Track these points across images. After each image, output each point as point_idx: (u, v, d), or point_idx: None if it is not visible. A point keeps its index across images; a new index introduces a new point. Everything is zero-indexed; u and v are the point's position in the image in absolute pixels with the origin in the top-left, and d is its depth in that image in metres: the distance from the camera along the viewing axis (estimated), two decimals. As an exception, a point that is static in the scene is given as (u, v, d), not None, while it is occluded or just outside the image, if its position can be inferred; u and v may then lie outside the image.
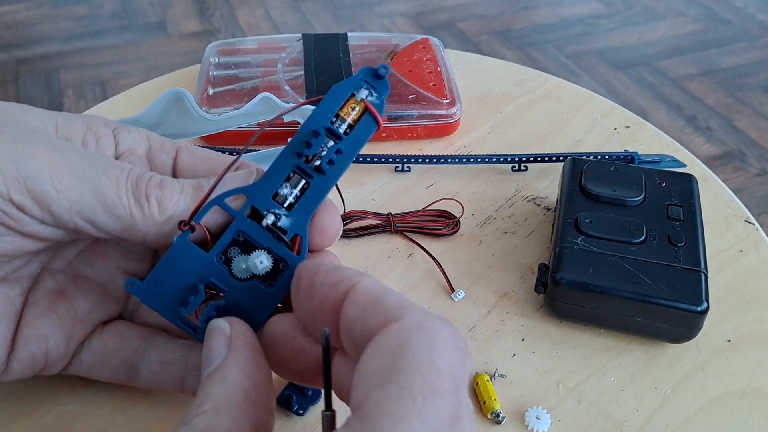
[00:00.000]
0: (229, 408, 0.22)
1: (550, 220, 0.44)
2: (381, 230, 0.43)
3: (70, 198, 0.25)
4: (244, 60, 0.56)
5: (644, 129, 0.52)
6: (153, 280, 0.27)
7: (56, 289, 0.30)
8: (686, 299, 0.34)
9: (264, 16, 1.95)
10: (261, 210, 0.27)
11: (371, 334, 0.21)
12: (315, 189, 0.27)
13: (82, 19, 1.91)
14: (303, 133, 0.27)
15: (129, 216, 0.26)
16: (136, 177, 0.27)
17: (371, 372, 0.19)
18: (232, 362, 0.24)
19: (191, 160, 0.31)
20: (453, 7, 2.00)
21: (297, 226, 0.27)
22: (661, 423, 0.33)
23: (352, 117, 0.28)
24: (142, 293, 0.27)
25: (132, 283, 0.27)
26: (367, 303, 0.22)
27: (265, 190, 0.27)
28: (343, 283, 0.23)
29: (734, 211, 0.45)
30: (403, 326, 0.20)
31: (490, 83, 0.58)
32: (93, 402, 0.33)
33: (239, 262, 0.27)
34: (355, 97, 0.28)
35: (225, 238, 0.27)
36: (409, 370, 0.19)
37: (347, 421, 0.19)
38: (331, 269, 0.24)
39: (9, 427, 0.32)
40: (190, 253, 0.27)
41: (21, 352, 0.28)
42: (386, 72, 0.28)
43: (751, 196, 1.35)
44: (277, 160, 0.27)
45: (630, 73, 1.71)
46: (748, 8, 2.01)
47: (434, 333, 0.20)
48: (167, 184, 0.27)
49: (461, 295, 0.39)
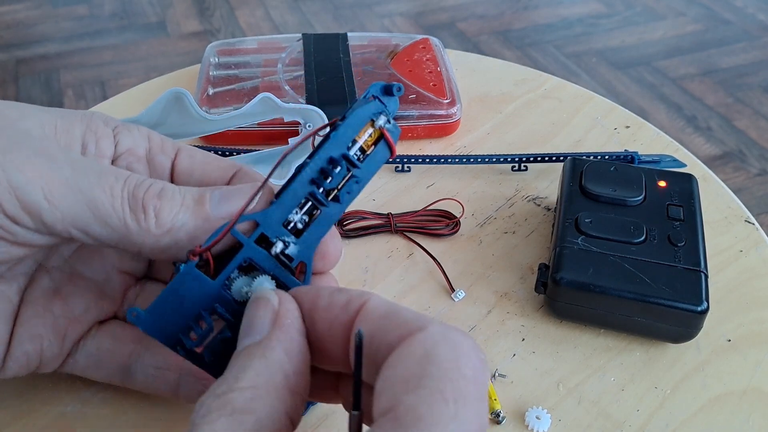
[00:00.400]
0: (268, 391, 0.21)
1: (550, 220, 0.44)
2: (381, 230, 0.43)
3: (62, 209, 0.25)
4: (244, 60, 0.56)
5: (644, 129, 0.52)
6: (156, 310, 0.26)
7: (52, 288, 0.30)
8: (686, 299, 0.34)
9: (264, 16, 1.95)
10: (270, 238, 0.26)
11: (391, 346, 0.21)
12: (326, 216, 0.27)
13: (82, 19, 1.91)
14: (320, 160, 0.26)
15: (124, 227, 0.25)
16: (133, 186, 0.26)
17: (398, 378, 0.19)
18: (276, 340, 0.23)
19: (189, 164, 0.31)
20: (453, 7, 2.00)
21: (303, 254, 0.27)
22: (661, 423, 0.33)
23: (366, 141, 0.27)
24: (144, 324, 0.26)
25: (134, 313, 0.26)
26: (383, 318, 0.22)
27: (276, 217, 0.26)
28: (353, 303, 0.23)
29: (734, 211, 0.45)
30: (429, 335, 0.20)
31: (490, 83, 0.58)
32: (93, 402, 0.33)
33: (240, 285, 0.26)
34: (372, 123, 0.27)
35: (232, 265, 0.26)
36: (439, 376, 0.19)
37: (379, 424, 0.19)
38: (335, 292, 0.24)
39: (9, 427, 0.32)
40: (195, 282, 0.26)
41: (16, 351, 0.28)
42: (400, 92, 0.27)
43: (751, 196, 1.35)
44: (292, 187, 0.26)
45: (630, 73, 1.71)
46: (748, 8, 2.01)
47: (459, 343, 0.20)
48: (167, 194, 0.26)
49: (461, 295, 0.39)
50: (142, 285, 0.32)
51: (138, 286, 0.32)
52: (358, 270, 0.41)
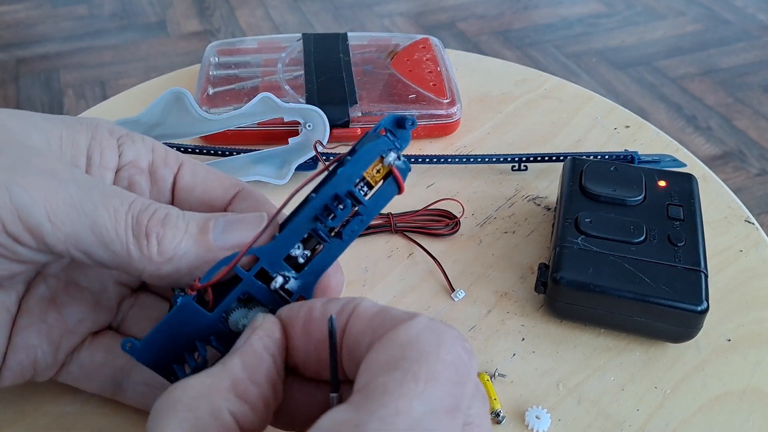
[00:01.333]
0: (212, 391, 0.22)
1: (550, 220, 0.44)
2: (381, 230, 0.43)
3: (65, 230, 0.24)
4: (244, 60, 0.56)
5: (644, 129, 0.52)
6: (151, 341, 0.26)
7: (48, 297, 0.30)
8: (686, 299, 0.34)
9: (264, 16, 1.95)
10: (270, 273, 0.26)
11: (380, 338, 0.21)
12: (328, 252, 0.26)
13: (82, 19, 1.91)
14: (326, 197, 0.26)
15: (126, 253, 0.25)
16: (138, 211, 0.26)
17: (380, 361, 0.20)
18: (237, 352, 0.24)
19: (191, 179, 0.30)
20: (453, 7, 2.00)
21: (304, 289, 0.26)
22: (661, 423, 0.33)
23: (374, 177, 0.26)
24: (139, 355, 0.26)
25: (129, 344, 0.26)
26: (374, 316, 0.23)
27: (277, 252, 0.26)
28: (346, 308, 0.23)
29: (734, 211, 0.45)
30: (413, 324, 0.21)
31: (490, 83, 0.58)
32: (93, 402, 0.33)
33: (237, 317, 0.26)
34: (382, 159, 0.26)
35: (230, 298, 0.26)
36: (416, 359, 0.20)
37: (350, 399, 0.19)
38: (327, 302, 0.24)
39: (9, 427, 0.32)
40: (192, 314, 0.26)
41: (10, 361, 0.28)
42: (413, 126, 0.26)
43: (751, 196, 1.35)
44: (296, 222, 0.26)
45: (630, 73, 1.71)
46: (748, 8, 2.01)
47: (442, 332, 0.21)
48: (170, 221, 0.26)
49: (461, 295, 0.39)
50: (136, 296, 0.32)
51: (133, 297, 0.32)
52: (358, 270, 0.41)
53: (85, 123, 0.29)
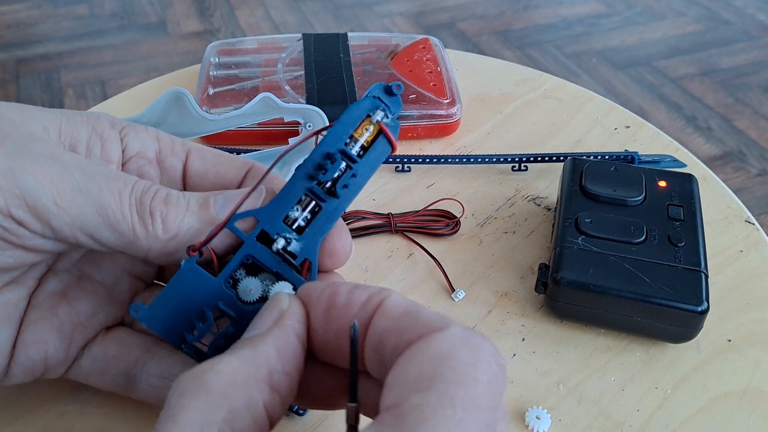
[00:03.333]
0: (248, 380, 0.21)
1: (550, 220, 0.44)
2: (381, 230, 0.43)
3: (71, 213, 0.25)
4: (244, 60, 0.56)
5: (644, 129, 0.52)
6: (158, 305, 0.26)
7: (59, 291, 0.29)
8: (686, 299, 0.34)
9: (264, 16, 1.95)
10: (271, 234, 0.26)
11: (408, 344, 0.20)
12: (327, 212, 0.27)
13: (82, 18, 1.91)
14: (317, 156, 0.26)
15: (131, 233, 0.26)
16: (140, 192, 0.26)
17: (410, 375, 0.19)
18: (271, 336, 0.22)
19: (201, 165, 0.30)
20: (453, 7, 2.00)
21: (307, 250, 0.27)
22: (661, 423, 0.33)
23: (366, 139, 0.27)
24: (147, 319, 0.26)
25: (137, 308, 0.26)
26: (403, 315, 0.21)
27: (276, 213, 0.26)
28: (372, 300, 0.22)
29: (734, 211, 0.45)
30: (448, 336, 0.20)
31: (490, 83, 0.58)
32: (93, 402, 0.33)
33: (246, 285, 0.26)
34: (370, 119, 0.27)
35: (234, 262, 0.26)
36: (452, 379, 0.18)
37: (381, 419, 0.18)
38: (354, 289, 0.23)
39: (9, 426, 0.32)
40: (197, 278, 0.26)
41: (20, 357, 0.28)
42: (400, 90, 0.27)
43: (751, 196, 1.35)
44: (290, 183, 0.27)
45: (630, 73, 1.71)
46: (748, 8, 2.01)
47: (478, 347, 0.20)
48: (172, 200, 0.26)
49: (461, 295, 0.39)
50: (150, 290, 0.32)
51: (146, 291, 0.32)
52: (358, 270, 0.41)
53: (86, 115, 0.29)
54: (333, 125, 0.27)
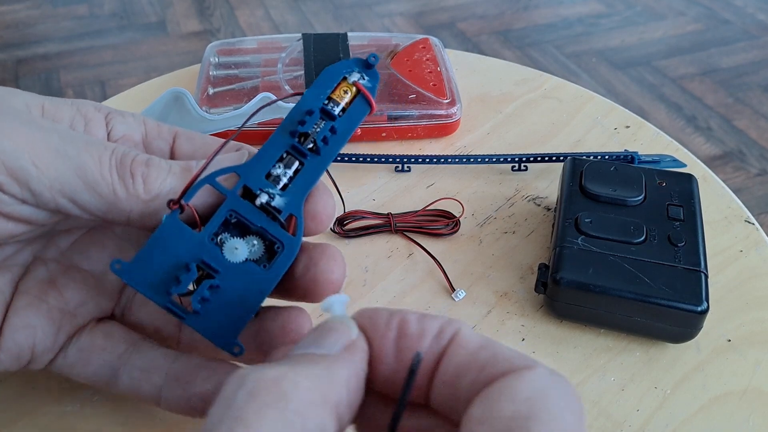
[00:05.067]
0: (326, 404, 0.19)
1: (550, 220, 0.44)
2: (381, 230, 0.43)
3: (50, 175, 0.25)
4: (244, 60, 0.56)
5: (644, 129, 0.52)
6: (140, 261, 0.25)
7: (47, 278, 0.29)
8: (686, 299, 0.34)
9: (264, 16, 1.95)
10: (254, 189, 0.26)
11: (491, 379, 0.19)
12: (309, 170, 0.27)
13: (82, 18, 1.91)
14: (296, 113, 0.27)
15: (112, 194, 0.25)
16: (120, 155, 0.26)
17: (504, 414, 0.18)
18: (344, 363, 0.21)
19: (189, 147, 0.30)
20: (453, 7, 2.00)
21: (291, 206, 0.26)
22: (661, 423, 0.33)
23: (345, 100, 0.27)
24: (128, 275, 0.25)
25: (118, 264, 0.25)
26: (480, 349, 0.20)
27: (258, 170, 0.26)
28: (446, 332, 0.21)
29: (734, 211, 0.45)
30: (538, 376, 0.19)
31: (490, 83, 0.58)
32: (93, 402, 0.33)
33: (232, 244, 0.26)
34: (347, 81, 0.27)
35: (217, 217, 0.26)
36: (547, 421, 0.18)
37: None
38: (424, 318, 0.21)
39: (9, 427, 0.32)
40: (180, 233, 0.25)
41: (8, 342, 0.27)
42: (376, 61, 0.27)
43: (751, 196, 1.35)
44: (270, 140, 0.27)
45: (630, 73, 1.71)
46: (748, 8, 2.01)
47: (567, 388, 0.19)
48: (154, 162, 0.26)
49: (462, 295, 0.39)
50: None
51: None
52: (358, 270, 0.41)
53: (69, 100, 0.29)
54: (310, 87, 0.27)
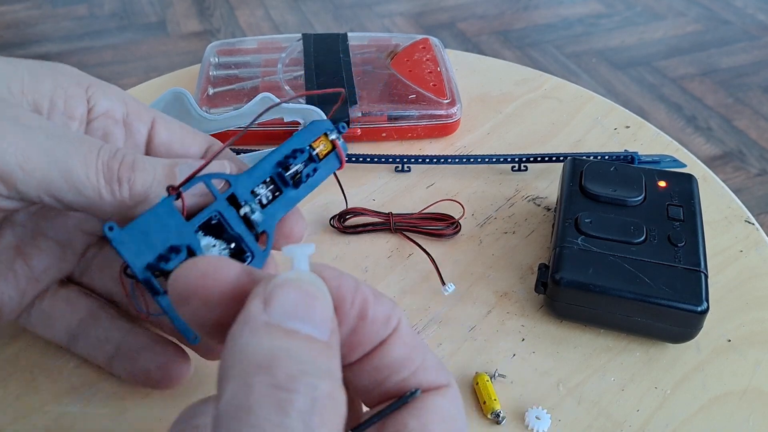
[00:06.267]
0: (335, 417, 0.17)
1: (550, 220, 0.44)
2: (380, 228, 0.43)
3: (37, 177, 0.25)
4: (244, 60, 0.56)
5: (644, 129, 0.52)
6: (132, 231, 0.26)
7: (14, 245, 0.31)
8: (686, 299, 0.34)
9: (264, 16, 1.95)
10: (240, 199, 0.28)
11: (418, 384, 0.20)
12: (286, 198, 0.30)
13: (82, 18, 1.91)
14: (286, 149, 0.30)
15: (98, 196, 0.27)
16: (107, 157, 0.27)
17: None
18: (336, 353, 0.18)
19: (167, 136, 0.32)
20: (453, 7, 2.00)
21: (266, 224, 0.29)
22: (661, 423, 0.33)
23: (321, 150, 0.31)
24: (118, 240, 0.26)
25: (111, 227, 0.26)
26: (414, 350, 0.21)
27: (246, 184, 0.29)
28: (392, 321, 0.20)
29: (734, 211, 0.45)
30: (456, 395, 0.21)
31: (490, 83, 0.58)
32: (93, 402, 0.33)
33: (209, 242, 0.28)
34: (327, 137, 0.31)
35: (205, 212, 0.28)
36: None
37: None
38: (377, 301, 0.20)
39: (9, 427, 0.32)
40: (171, 217, 0.27)
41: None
42: (344, 129, 0.32)
43: (751, 196, 1.35)
44: (261, 163, 0.29)
45: (630, 73, 1.71)
46: (748, 8, 2.01)
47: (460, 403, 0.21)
48: (139, 166, 0.27)
49: (451, 288, 0.39)
50: (101, 245, 0.33)
51: (98, 245, 0.33)
52: (358, 270, 0.41)
53: (50, 70, 0.29)
54: (299, 131, 0.31)
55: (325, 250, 0.42)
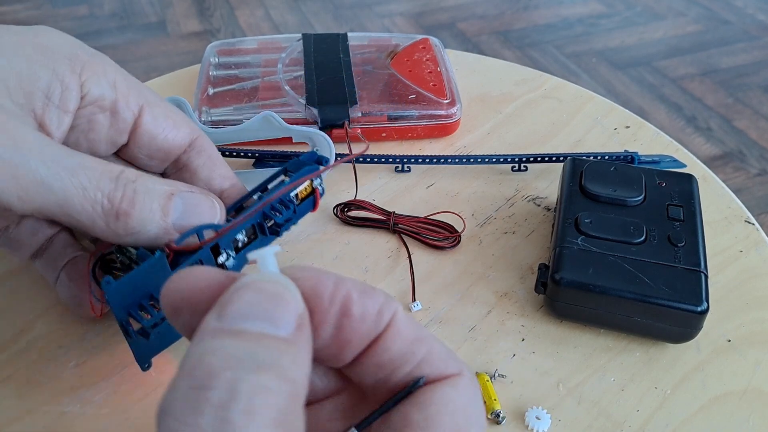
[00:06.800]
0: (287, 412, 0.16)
1: (550, 220, 0.44)
2: (380, 226, 0.43)
3: (34, 205, 0.27)
4: (244, 60, 0.56)
5: (644, 129, 0.52)
6: (124, 284, 0.28)
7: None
8: (686, 299, 0.34)
9: (264, 16, 1.95)
10: (221, 247, 0.30)
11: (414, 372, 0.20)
12: (259, 242, 0.32)
13: (82, 19, 1.91)
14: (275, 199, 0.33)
15: (92, 225, 0.28)
16: (107, 191, 0.28)
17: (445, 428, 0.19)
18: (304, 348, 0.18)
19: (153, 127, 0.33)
20: (453, 7, 2.00)
21: (235, 268, 0.31)
22: (661, 423, 0.33)
23: (302, 191, 0.34)
24: (112, 293, 0.28)
25: (108, 282, 0.28)
26: (415, 341, 0.20)
27: (231, 233, 0.31)
28: (384, 315, 0.20)
29: (734, 211, 0.45)
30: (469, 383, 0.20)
31: (490, 83, 0.58)
32: (93, 402, 0.33)
33: None
34: (312, 183, 0.34)
35: (188, 263, 0.29)
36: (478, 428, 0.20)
37: None
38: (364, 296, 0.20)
39: (9, 427, 0.32)
40: (161, 271, 0.29)
41: None
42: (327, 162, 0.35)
43: (751, 196, 1.35)
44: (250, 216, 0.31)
45: (630, 73, 1.71)
46: (748, 8, 2.01)
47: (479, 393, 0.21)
48: (139, 200, 0.28)
49: (418, 307, 0.38)
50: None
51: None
52: (358, 270, 0.41)
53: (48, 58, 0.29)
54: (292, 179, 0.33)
55: (326, 250, 0.42)
